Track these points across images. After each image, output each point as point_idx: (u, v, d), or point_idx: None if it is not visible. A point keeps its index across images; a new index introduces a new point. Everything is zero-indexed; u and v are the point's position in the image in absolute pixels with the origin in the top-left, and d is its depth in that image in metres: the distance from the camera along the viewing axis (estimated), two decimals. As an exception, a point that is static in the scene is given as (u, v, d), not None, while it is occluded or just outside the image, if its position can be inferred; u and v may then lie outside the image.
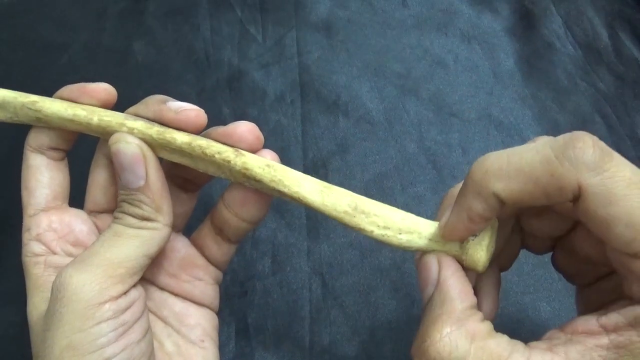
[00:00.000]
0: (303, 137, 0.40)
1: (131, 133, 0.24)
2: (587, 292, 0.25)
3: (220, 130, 0.25)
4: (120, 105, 0.26)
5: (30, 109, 0.25)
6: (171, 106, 0.25)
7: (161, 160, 0.25)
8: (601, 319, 0.20)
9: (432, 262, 0.23)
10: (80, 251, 0.26)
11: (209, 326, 0.28)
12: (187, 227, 0.29)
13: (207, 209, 0.28)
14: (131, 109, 0.26)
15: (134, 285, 0.23)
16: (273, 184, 0.24)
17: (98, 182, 0.27)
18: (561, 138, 0.20)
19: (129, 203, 0.24)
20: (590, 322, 0.20)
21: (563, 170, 0.19)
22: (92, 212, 0.27)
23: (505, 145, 0.40)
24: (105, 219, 0.27)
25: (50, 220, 0.26)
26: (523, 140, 0.40)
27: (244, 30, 0.45)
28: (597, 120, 0.41)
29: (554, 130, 0.41)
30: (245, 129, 0.24)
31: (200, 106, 0.25)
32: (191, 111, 0.25)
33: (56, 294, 0.22)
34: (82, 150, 0.27)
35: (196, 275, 0.28)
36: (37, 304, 0.24)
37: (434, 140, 0.40)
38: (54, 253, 0.25)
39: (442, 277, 0.22)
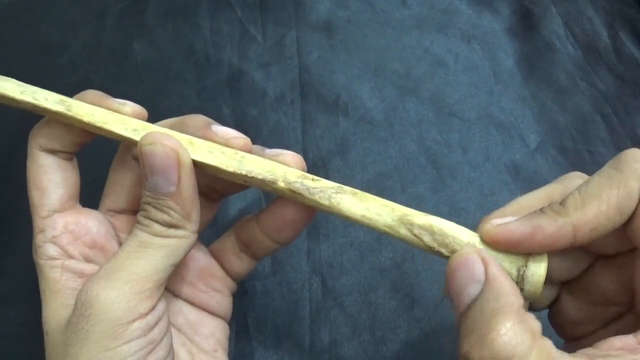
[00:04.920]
0: (303, 137, 0.40)
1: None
2: (584, 344, 0.25)
3: (266, 152, 0.24)
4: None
5: (60, 96, 0.24)
6: (218, 131, 0.24)
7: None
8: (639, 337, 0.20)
9: (474, 259, 0.21)
10: (98, 254, 0.25)
11: (222, 336, 0.27)
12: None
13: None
14: (165, 124, 0.25)
15: (160, 298, 0.23)
16: (315, 198, 0.23)
17: (122, 182, 0.26)
18: (614, 158, 0.22)
19: (156, 208, 0.23)
20: (627, 339, 0.20)
21: (626, 177, 0.21)
22: (109, 212, 0.26)
23: (505, 145, 0.40)
24: (124, 219, 0.26)
25: (66, 221, 0.25)
26: (523, 140, 0.40)
27: (244, 30, 0.45)
28: (597, 120, 0.41)
29: (554, 130, 0.41)
30: (291, 159, 0.24)
31: (200, 106, 0.25)
32: (239, 139, 0.24)
33: (82, 310, 0.21)
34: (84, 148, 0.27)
35: (213, 287, 0.27)
36: (55, 310, 0.23)
37: (434, 140, 0.40)
38: (71, 257, 0.24)
39: (490, 273, 0.20)
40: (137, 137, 0.23)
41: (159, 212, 0.23)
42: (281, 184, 0.23)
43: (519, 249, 0.22)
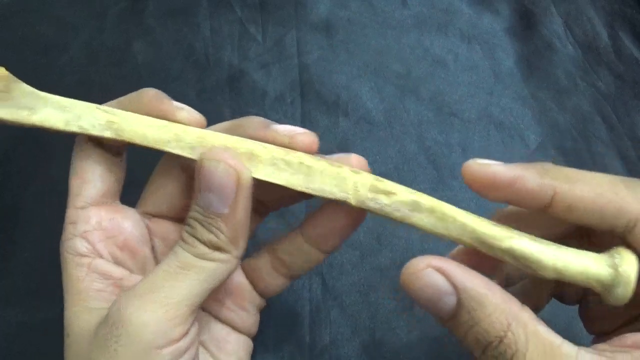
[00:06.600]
0: (303, 137, 0.40)
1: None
2: (610, 339, 0.25)
3: (334, 157, 0.23)
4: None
5: (107, 112, 0.23)
6: (279, 130, 0.23)
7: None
8: None
9: (430, 274, 0.20)
10: (128, 257, 0.24)
11: (245, 354, 0.27)
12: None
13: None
14: (220, 127, 0.24)
15: (193, 322, 0.22)
16: (389, 216, 0.22)
17: (166, 189, 0.25)
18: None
19: (204, 226, 0.21)
20: (639, 337, 0.20)
21: (626, 195, 0.20)
22: (146, 214, 0.25)
23: (505, 145, 0.40)
24: (161, 224, 0.25)
25: (100, 217, 0.24)
26: (523, 140, 0.40)
27: (244, 30, 0.45)
28: (597, 120, 0.41)
29: (554, 130, 0.41)
30: (356, 162, 0.23)
31: (200, 106, 0.25)
32: (306, 136, 0.23)
33: (112, 328, 0.20)
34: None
35: (242, 305, 0.26)
36: (78, 314, 0.22)
37: (434, 140, 0.40)
38: (100, 255, 0.23)
39: (459, 282, 0.20)
40: (194, 156, 0.22)
41: (207, 231, 0.21)
42: (352, 202, 0.22)
43: (493, 194, 0.21)
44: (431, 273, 0.20)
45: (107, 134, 0.23)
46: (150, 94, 0.24)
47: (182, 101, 0.43)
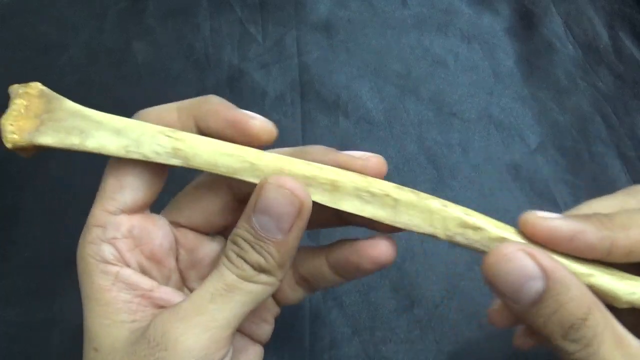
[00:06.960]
0: (303, 137, 0.40)
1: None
2: None
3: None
4: (121, 106, 0.25)
5: (170, 137, 0.21)
6: (355, 155, 0.23)
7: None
8: None
9: (520, 254, 0.20)
10: (154, 267, 0.23)
11: None
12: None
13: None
14: (284, 152, 0.23)
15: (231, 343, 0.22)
16: (497, 232, 0.21)
17: (206, 204, 0.24)
18: None
19: (254, 248, 0.21)
20: None
21: None
22: (174, 224, 0.25)
23: (505, 145, 0.40)
24: (188, 234, 0.25)
25: (131, 225, 0.22)
26: (523, 140, 0.40)
27: (244, 30, 0.45)
28: (597, 120, 0.41)
29: (554, 130, 0.41)
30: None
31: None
32: (377, 158, 0.23)
33: (153, 350, 0.20)
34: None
35: (262, 317, 0.26)
36: (106, 328, 0.21)
37: (434, 140, 0.40)
38: (127, 265, 0.22)
39: (548, 266, 0.19)
40: None
41: (256, 253, 0.21)
42: (440, 237, 0.22)
43: (551, 247, 0.21)
44: (522, 256, 0.20)
45: (175, 162, 0.21)
46: (217, 102, 0.23)
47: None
